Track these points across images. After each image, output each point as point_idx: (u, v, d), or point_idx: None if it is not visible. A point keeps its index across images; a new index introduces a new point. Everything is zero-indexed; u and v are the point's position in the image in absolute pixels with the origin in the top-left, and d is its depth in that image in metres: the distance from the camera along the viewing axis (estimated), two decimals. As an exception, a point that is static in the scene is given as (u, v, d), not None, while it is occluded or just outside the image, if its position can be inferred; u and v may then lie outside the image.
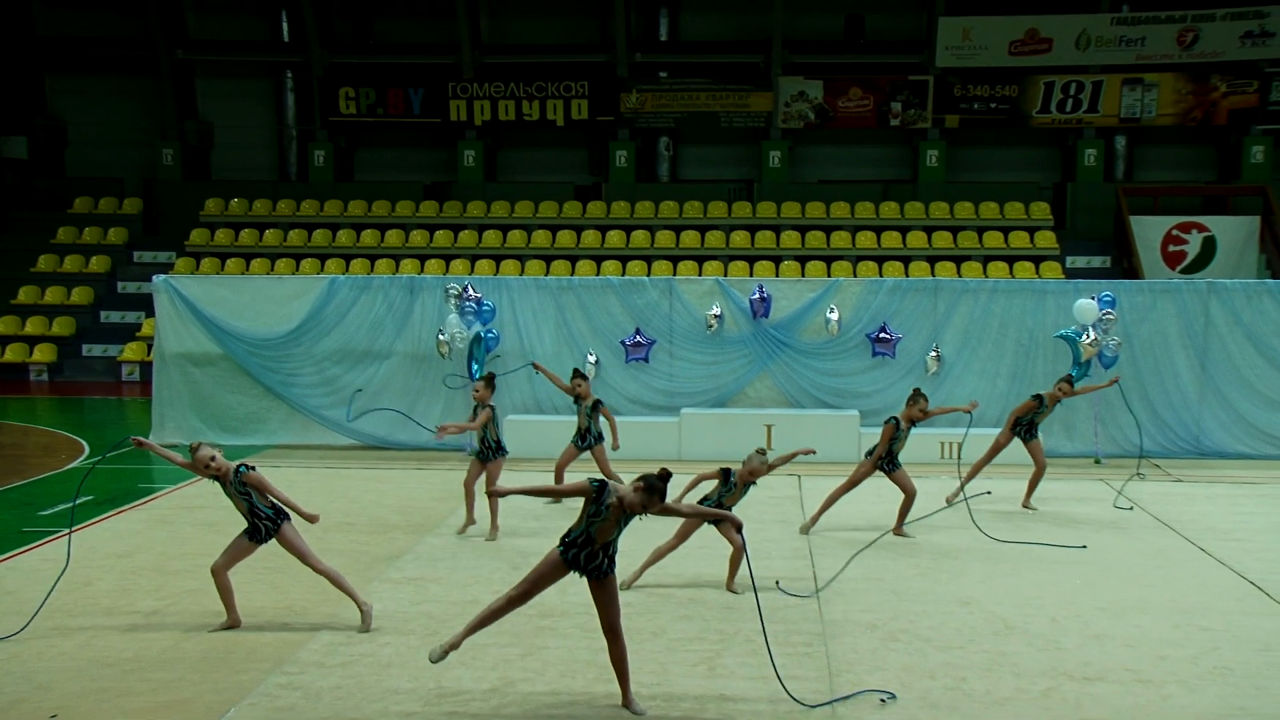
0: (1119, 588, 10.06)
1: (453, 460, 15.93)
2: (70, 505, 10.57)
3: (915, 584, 10.11)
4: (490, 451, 12.00)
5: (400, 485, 14.39)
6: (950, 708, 7.42)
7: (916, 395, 12.10)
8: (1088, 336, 15.68)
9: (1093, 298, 15.99)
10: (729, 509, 9.59)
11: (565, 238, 28.14)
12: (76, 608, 9.34)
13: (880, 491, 12.93)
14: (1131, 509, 13.26)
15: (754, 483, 9.97)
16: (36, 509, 13.07)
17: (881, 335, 16.67)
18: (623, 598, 9.57)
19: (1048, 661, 8.23)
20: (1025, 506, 13.26)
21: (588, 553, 7.30)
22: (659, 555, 10.03)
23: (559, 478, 13.01)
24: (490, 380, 12.21)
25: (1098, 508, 13.33)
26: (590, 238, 28.11)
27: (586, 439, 13.12)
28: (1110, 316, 15.79)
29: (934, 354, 16.56)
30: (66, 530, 11.64)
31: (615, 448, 13.15)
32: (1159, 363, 16.49)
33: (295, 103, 31.09)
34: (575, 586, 9.89)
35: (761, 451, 9.98)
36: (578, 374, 13.41)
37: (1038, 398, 13.44)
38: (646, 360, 16.88)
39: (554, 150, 31.13)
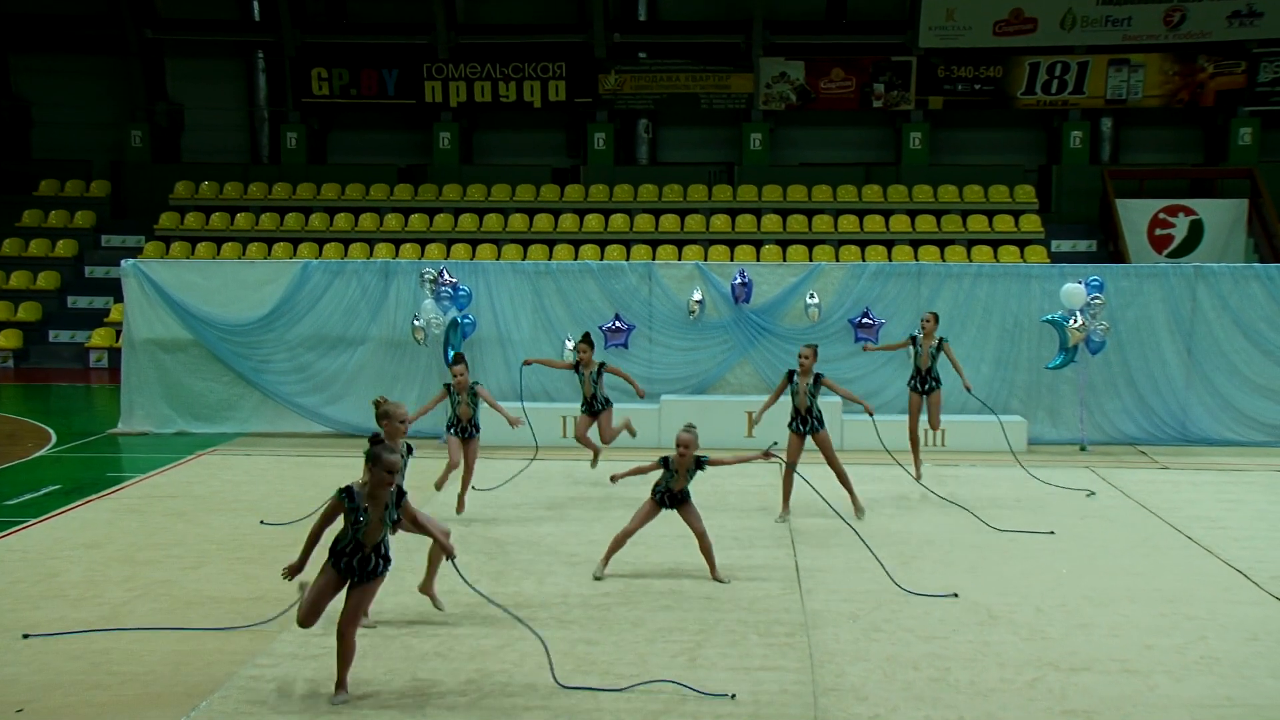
0: (1105, 576, 10.10)
1: (428, 448, 15.87)
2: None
3: (899, 574, 10.12)
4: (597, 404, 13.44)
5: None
6: (934, 699, 7.43)
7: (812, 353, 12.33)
8: (1075, 321, 15.72)
9: (1079, 282, 16.02)
10: (680, 493, 9.88)
11: (543, 221, 28.07)
12: (43, 599, 9.27)
13: (869, 478, 12.95)
14: (1093, 494, 13.34)
15: (702, 461, 9.78)
16: (1, 499, 12.96)
17: (864, 321, 16.67)
18: (600, 587, 9.60)
19: (1033, 651, 8.25)
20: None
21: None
22: (620, 542, 10.04)
23: (587, 444, 13.59)
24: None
25: (1082, 496, 13.36)
26: (568, 221, 28.04)
27: (594, 405, 13.60)
28: (1099, 301, 15.82)
29: (911, 339, 16.54)
30: (35, 519, 11.59)
31: (641, 395, 14.06)
32: (1145, 348, 16.55)
33: (267, 83, 30.91)
34: (553, 576, 9.92)
35: (689, 428, 9.97)
36: (586, 339, 13.74)
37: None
38: (625, 346, 16.85)
39: (531, 132, 31.04)
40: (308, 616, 7.47)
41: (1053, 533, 11.54)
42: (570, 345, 16.61)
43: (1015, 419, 16.27)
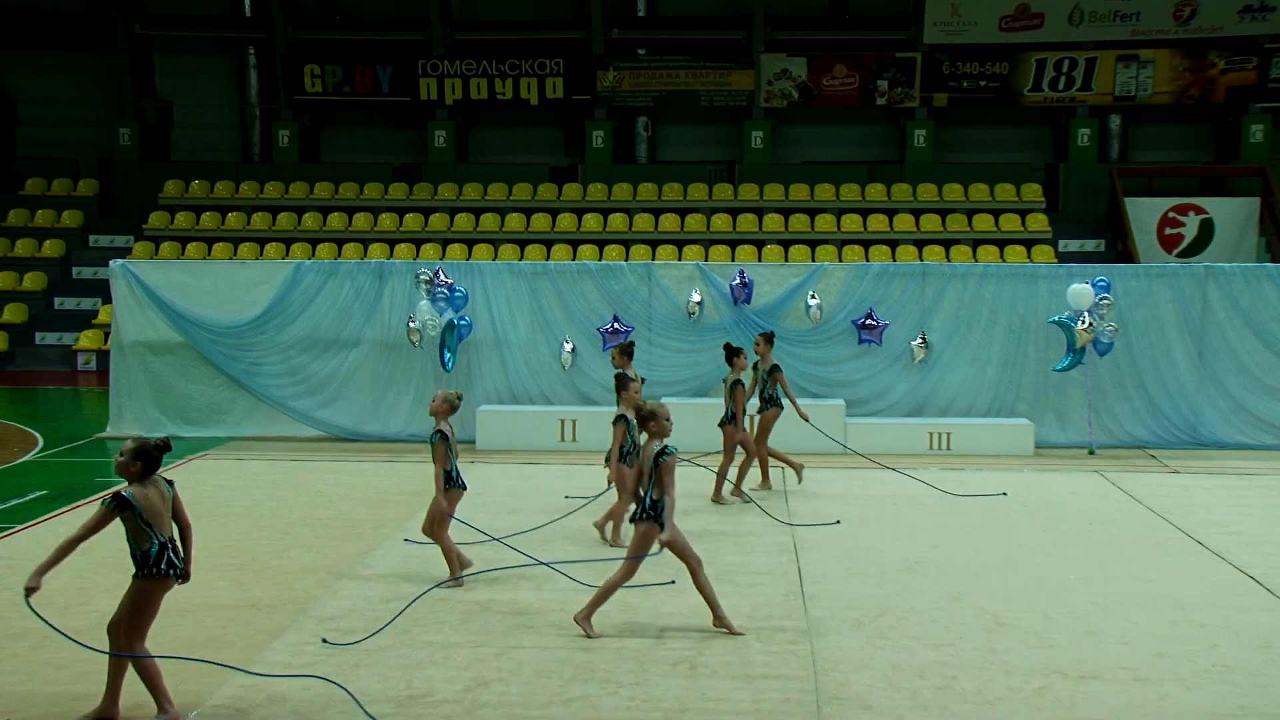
0: (1114, 583, 10.08)
1: (424, 452, 15.85)
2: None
3: (903, 579, 10.12)
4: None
5: (369, 478, 14.33)
6: (940, 707, 7.42)
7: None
8: (1083, 322, 15.72)
9: (1087, 282, 16.02)
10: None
11: (540, 221, 28.08)
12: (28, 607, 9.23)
13: (870, 481, 12.95)
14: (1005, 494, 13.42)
15: (655, 420, 8.72)
16: (-13, 504, 12.96)
17: (868, 322, 16.68)
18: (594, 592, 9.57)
19: (1040, 659, 8.24)
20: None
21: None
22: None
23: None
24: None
25: (1092, 500, 13.38)
26: (566, 221, 28.05)
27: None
28: (1106, 302, 15.82)
29: (919, 341, 16.56)
30: (22, 526, 11.58)
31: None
32: (1155, 350, 16.54)
33: (258, 80, 30.92)
34: (551, 583, 9.90)
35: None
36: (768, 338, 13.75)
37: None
38: (625, 348, 16.82)
39: (528, 130, 31.06)
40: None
41: (1005, 494, 11.92)
42: (569, 347, 16.63)
43: (1022, 422, 16.28)
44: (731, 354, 13.08)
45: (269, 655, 8.19)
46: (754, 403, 13.52)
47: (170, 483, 7.36)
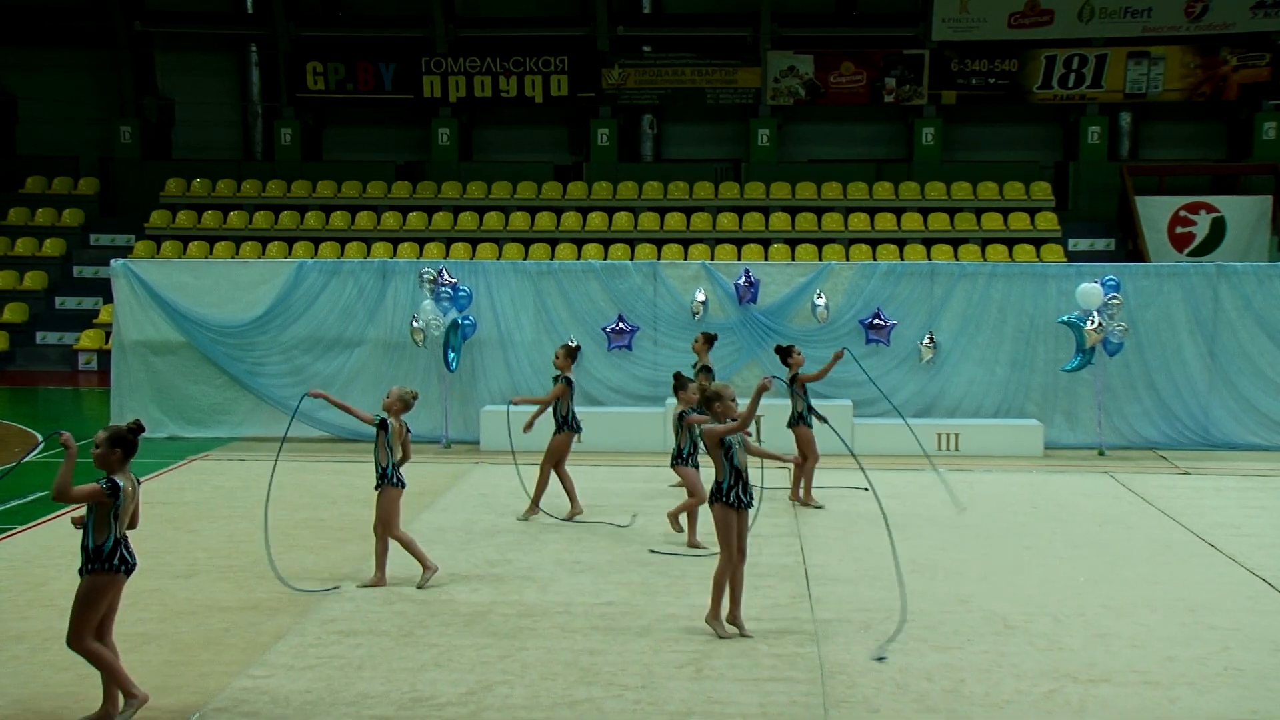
0: (1124, 585, 10.08)
1: (427, 453, 15.88)
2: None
3: (911, 582, 10.10)
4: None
5: (372, 479, 14.29)
6: (948, 710, 7.42)
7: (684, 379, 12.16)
8: (1092, 322, 15.70)
9: (1096, 282, 16.00)
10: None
11: (544, 220, 28.09)
12: (30, 609, 9.27)
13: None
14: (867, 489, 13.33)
15: (720, 401, 8.77)
16: (-12, 505, 12.99)
17: (875, 322, 16.67)
18: (604, 596, 9.59)
19: (1050, 662, 8.23)
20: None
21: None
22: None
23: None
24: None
25: (1101, 502, 13.37)
26: (571, 220, 28.06)
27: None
28: (1116, 301, 15.80)
29: (927, 342, 16.56)
30: (22, 527, 11.59)
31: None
32: (1165, 350, 16.52)
33: (260, 77, 30.97)
34: (556, 584, 9.92)
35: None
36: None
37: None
38: (629, 348, 16.86)
39: (532, 128, 31.08)
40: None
41: (867, 489, 11.12)
42: (572, 344, 16.62)
43: (1031, 423, 16.27)
44: (783, 354, 13.04)
45: (271, 657, 8.21)
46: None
47: (138, 479, 7.32)
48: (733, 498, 8.56)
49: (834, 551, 11.10)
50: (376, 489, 9.90)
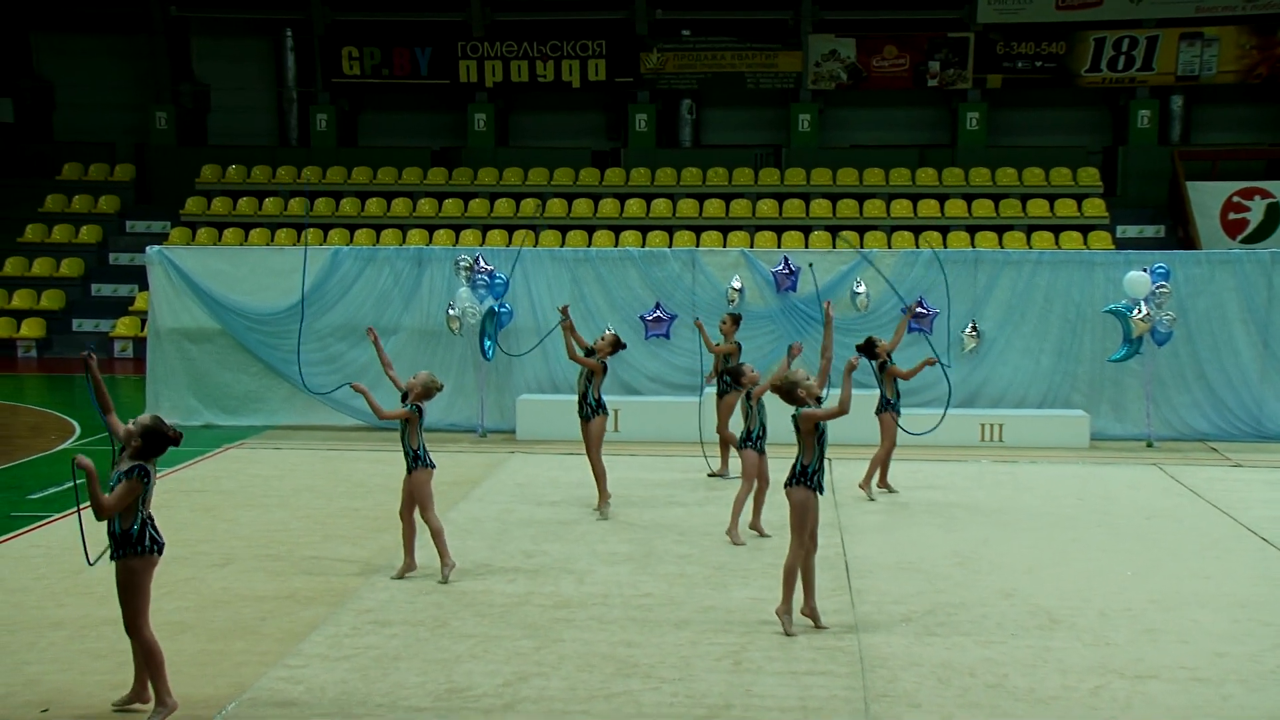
0: (1173, 580, 10.01)
1: (463, 442, 15.96)
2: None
3: (954, 574, 10.08)
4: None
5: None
6: (991, 706, 7.39)
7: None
8: (1139, 311, 15.56)
9: (1145, 270, 15.86)
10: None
11: (582, 206, 28.11)
12: (67, 596, 9.39)
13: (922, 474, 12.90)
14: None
15: (802, 387, 8.68)
16: (25, 492, 13.16)
17: (918, 310, 16.59)
18: (643, 587, 9.61)
19: (1096, 658, 8.19)
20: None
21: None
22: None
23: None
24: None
25: (1150, 494, 13.27)
26: (608, 206, 28.07)
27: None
28: (1163, 290, 15.65)
29: (970, 331, 16.47)
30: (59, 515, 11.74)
31: None
32: (1217, 339, 16.36)
33: (296, 63, 31.10)
34: (593, 575, 9.95)
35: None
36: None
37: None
38: (667, 336, 16.86)
39: (570, 114, 31.08)
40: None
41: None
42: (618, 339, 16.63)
43: (1077, 414, 16.16)
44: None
45: (306, 647, 8.28)
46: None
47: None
48: (815, 481, 8.54)
49: (875, 543, 11.08)
50: (410, 472, 9.87)
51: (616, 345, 12.56)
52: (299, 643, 8.36)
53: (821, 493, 8.66)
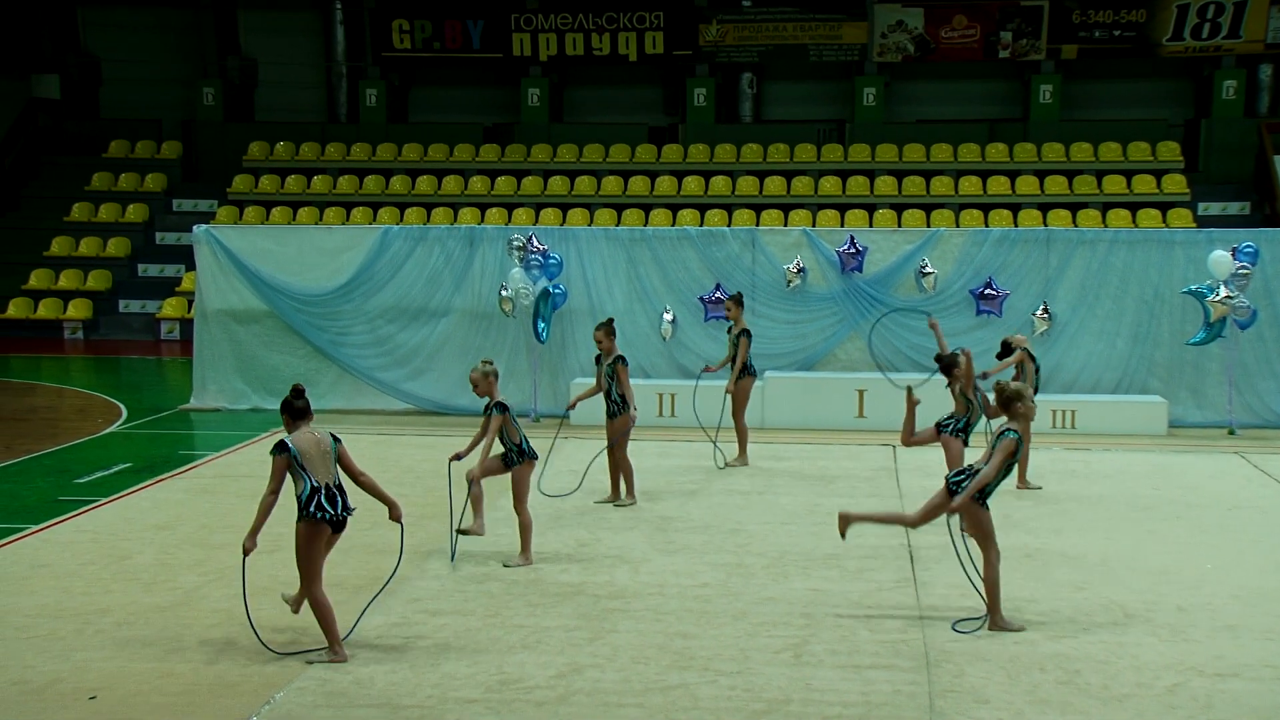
0: (1256, 574, 9.89)
1: (515, 427, 16.01)
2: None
3: (1025, 567, 10.01)
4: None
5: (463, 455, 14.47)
6: (1062, 703, 7.34)
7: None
8: (1218, 293, 15.33)
9: (1231, 249, 15.62)
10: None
11: (638, 184, 28.09)
12: (114, 583, 9.54)
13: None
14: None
15: (1021, 402, 8.74)
16: (72, 476, 13.37)
17: (986, 292, 16.47)
18: (700, 577, 9.62)
19: (1173, 654, 8.11)
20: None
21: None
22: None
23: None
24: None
25: (1231, 484, 13.10)
26: (665, 184, 28.03)
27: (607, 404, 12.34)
28: (1245, 271, 15.41)
29: (1042, 312, 16.31)
30: (106, 499, 11.92)
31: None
32: (1304, 322, 16.13)
33: (345, 36, 31.24)
34: (648, 565, 9.96)
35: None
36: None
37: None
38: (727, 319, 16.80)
39: (626, 88, 31.03)
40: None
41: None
42: (669, 317, 16.67)
43: (1154, 400, 15.98)
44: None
45: (355, 637, 8.35)
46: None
47: (335, 438, 8.09)
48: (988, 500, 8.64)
49: (939, 533, 10.99)
50: (512, 466, 10.18)
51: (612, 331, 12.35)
52: (347, 632, 8.43)
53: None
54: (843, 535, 9.12)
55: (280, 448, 7.85)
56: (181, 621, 8.66)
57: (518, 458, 10.14)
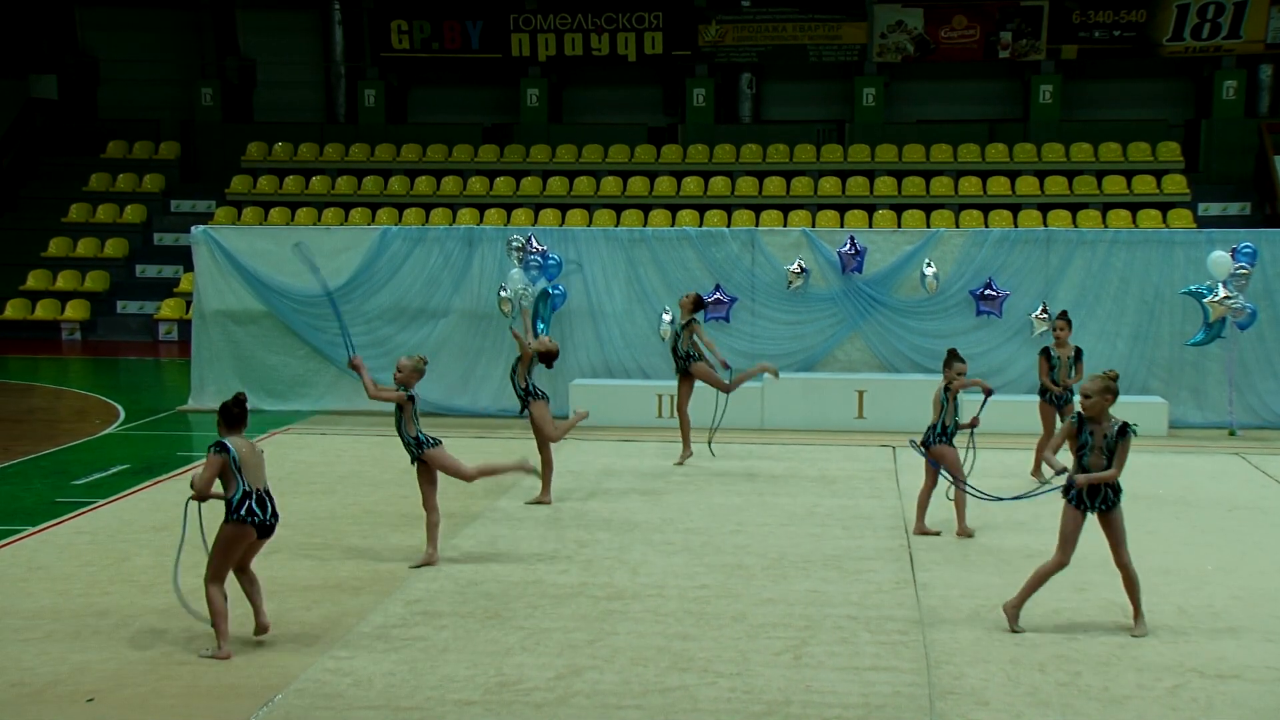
0: (1257, 575, 9.88)
1: (516, 428, 16.00)
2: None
3: (1024, 567, 9.98)
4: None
5: (459, 455, 14.45)
6: (1063, 705, 7.33)
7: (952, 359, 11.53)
8: (1217, 293, 15.33)
9: (1230, 250, 15.62)
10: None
11: (637, 185, 28.10)
12: (112, 584, 9.54)
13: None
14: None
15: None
16: (70, 478, 13.37)
17: (986, 292, 16.47)
18: (699, 578, 9.61)
19: (1174, 655, 8.11)
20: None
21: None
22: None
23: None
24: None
25: (1232, 485, 13.10)
26: (665, 185, 28.04)
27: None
28: (1244, 271, 15.41)
29: (1041, 313, 16.30)
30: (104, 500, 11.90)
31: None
32: (1305, 323, 16.13)
33: (344, 37, 31.26)
34: (648, 566, 9.96)
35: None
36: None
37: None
38: (726, 319, 16.82)
39: (625, 88, 31.05)
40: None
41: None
42: (668, 318, 16.66)
43: (1155, 400, 15.97)
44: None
45: (354, 638, 8.35)
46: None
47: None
48: (1075, 497, 8.67)
49: (940, 535, 11.00)
50: (416, 461, 10.30)
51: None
52: (346, 633, 8.44)
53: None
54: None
55: (221, 448, 7.89)
56: (179, 623, 8.65)
57: (417, 450, 10.24)
